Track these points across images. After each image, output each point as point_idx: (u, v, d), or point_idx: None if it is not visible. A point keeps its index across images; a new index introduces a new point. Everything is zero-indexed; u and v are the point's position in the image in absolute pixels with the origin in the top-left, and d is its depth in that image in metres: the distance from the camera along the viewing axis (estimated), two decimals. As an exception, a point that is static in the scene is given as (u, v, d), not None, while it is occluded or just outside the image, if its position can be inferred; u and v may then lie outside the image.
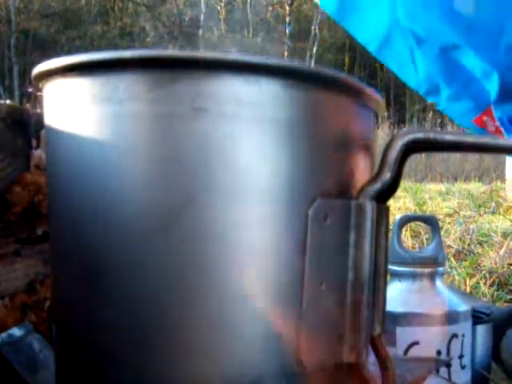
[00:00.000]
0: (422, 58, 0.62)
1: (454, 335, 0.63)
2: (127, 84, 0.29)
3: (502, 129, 0.62)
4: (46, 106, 0.34)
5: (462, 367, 0.64)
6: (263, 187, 0.29)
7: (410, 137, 0.34)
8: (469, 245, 2.13)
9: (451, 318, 0.63)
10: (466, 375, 0.65)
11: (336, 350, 0.32)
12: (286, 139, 0.30)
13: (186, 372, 0.29)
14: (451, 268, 1.74)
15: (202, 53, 0.29)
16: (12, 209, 0.51)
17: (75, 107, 0.31)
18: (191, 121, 0.29)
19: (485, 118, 0.65)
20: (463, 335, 0.64)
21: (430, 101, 0.67)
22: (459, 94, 0.64)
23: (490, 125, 0.65)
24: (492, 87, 0.58)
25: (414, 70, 0.64)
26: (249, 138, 0.29)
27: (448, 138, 0.34)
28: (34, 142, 0.53)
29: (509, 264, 1.81)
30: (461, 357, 0.64)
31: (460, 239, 2.20)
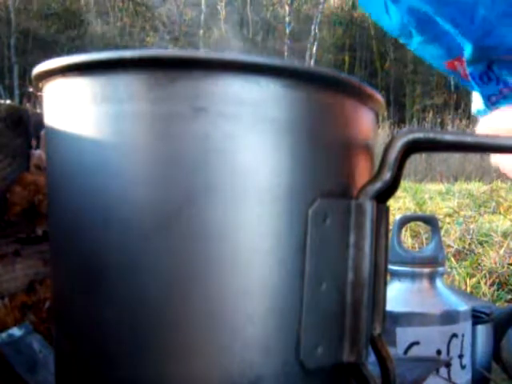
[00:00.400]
0: (395, 11, 0.63)
1: (454, 335, 0.63)
2: (127, 84, 0.29)
3: (471, 79, 0.63)
4: (45, 106, 0.34)
5: (462, 367, 0.64)
6: (263, 187, 0.29)
7: (410, 137, 0.34)
8: (469, 245, 2.13)
9: (451, 317, 0.63)
10: (466, 375, 0.65)
11: (336, 350, 0.32)
12: (286, 139, 0.30)
13: (185, 372, 0.29)
14: (451, 268, 1.75)
15: (202, 53, 0.29)
16: (12, 209, 0.51)
17: (75, 107, 0.31)
18: (191, 121, 0.29)
19: (456, 63, 0.65)
20: (463, 335, 0.64)
21: (401, 41, 0.68)
22: (431, 41, 0.64)
23: (461, 69, 0.65)
24: (466, 48, 0.58)
25: (388, 18, 0.65)
26: (249, 137, 0.29)
27: (448, 137, 0.34)
28: (33, 142, 0.53)
29: (509, 264, 1.81)
30: (461, 357, 0.64)
31: (460, 239, 2.20)
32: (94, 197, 0.30)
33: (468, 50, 0.58)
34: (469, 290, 1.58)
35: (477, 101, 0.68)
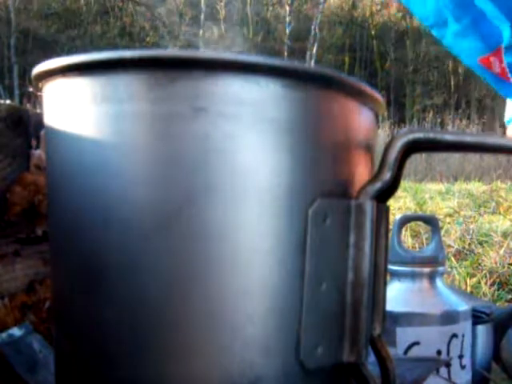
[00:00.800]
0: None
1: (454, 335, 0.63)
2: (127, 84, 0.29)
3: (509, 73, 0.60)
4: (45, 106, 0.34)
5: (462, 367, 0.64)
6: (263, 187, 0.29)
7: (410, 137, 0.34)
8: (469, 244, 2.13)
9: (451, 317, 0.63)
10: (466, 375, 0.65)
11: (336, 350, 0.32)
12: (285, 139, 0.30)
13: (185, 372, 0.29)
14: (451, 268, 1.75)
15: (202, 53, 0.29)
16: (12, 209, 0.51)
17: (75, 107, 0.31)
18: (191, 121, 0.29)
19: (492, 59, 0.62)
20: (463, 335, 0.64)
21: (435, 34, 0.64)
22: (468, 30, 0.61)
23: (496, 66, 0.62)
24: (504, 32, 0.56)
25: (422, 4, 0.62)
26: (249, 137, 0.29)
27: (448, 137, 0.34)
28: (33, 142, 0.53)
29: (509, 264, 1.81)
30: (461, 357, 0.64)
31: (460, 239, 2.20)
32: (94, 197, 0.30)
33: (506, 32, 0.56)
34: (469, 289, 1.58)
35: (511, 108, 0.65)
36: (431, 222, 0.69)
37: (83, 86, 0.30)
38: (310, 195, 0.31)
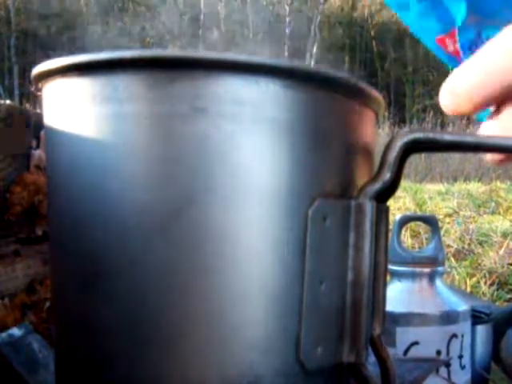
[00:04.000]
0: None
1: (454, 335, 0.63)
2: (127, 84, 0.29)
3: (461, 53, 0.62)
4: (45, 106, 0.34)
5: (462, 367, 0.64)
6: (263, 187, 0.29)
7: (410, 137, 0.33)
8: (469, 244, 2.13)
9: (451, 317, 0.63)
10: (466, 375, 0.65)
11: (336, 350, 0.32)
12: (285, 139, 0.30)
13: (185, 372, 0.29)
14: (451, 268, 1.75)
15: (202, 53, 0.29)
16: (12, 209, 0.51)
17: (75, 107, 0.31)
18: (191, 121, 0.29)
19: (447, 40, 0.65)
20: (463, 335, 0.64)
21: (399, 14, 0.67)
22: (427, 10, 0.64)
23: (451, 46, 0.65)
24: (458, 13, 0.58)
25: None
26: (249, 138, 0.29)
27: (448, 137, 0.34)
28: (33, 142, 0.53)
29: (509, 264, 1.81)
30: (460, 357, 0.64)
31: (460, 239, 2.20)
32: (94, 197, 0.30)
33: (461, 11, 0.58)
34: (469, 289, 1.58)
35: None
36: (431, 222, 0.69)
37: (83, 87, 0.30)
38: (310, 195, 0.31)
